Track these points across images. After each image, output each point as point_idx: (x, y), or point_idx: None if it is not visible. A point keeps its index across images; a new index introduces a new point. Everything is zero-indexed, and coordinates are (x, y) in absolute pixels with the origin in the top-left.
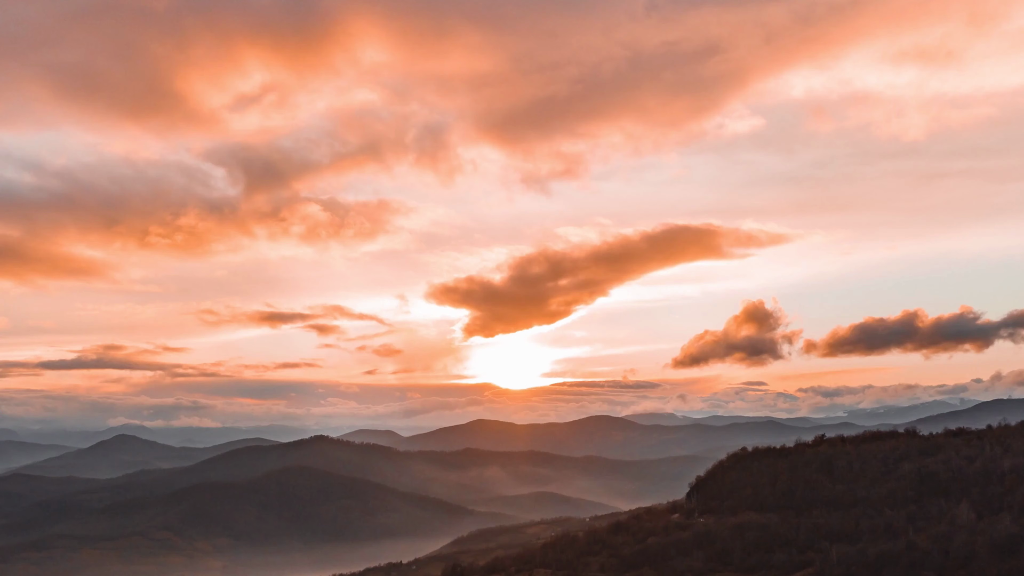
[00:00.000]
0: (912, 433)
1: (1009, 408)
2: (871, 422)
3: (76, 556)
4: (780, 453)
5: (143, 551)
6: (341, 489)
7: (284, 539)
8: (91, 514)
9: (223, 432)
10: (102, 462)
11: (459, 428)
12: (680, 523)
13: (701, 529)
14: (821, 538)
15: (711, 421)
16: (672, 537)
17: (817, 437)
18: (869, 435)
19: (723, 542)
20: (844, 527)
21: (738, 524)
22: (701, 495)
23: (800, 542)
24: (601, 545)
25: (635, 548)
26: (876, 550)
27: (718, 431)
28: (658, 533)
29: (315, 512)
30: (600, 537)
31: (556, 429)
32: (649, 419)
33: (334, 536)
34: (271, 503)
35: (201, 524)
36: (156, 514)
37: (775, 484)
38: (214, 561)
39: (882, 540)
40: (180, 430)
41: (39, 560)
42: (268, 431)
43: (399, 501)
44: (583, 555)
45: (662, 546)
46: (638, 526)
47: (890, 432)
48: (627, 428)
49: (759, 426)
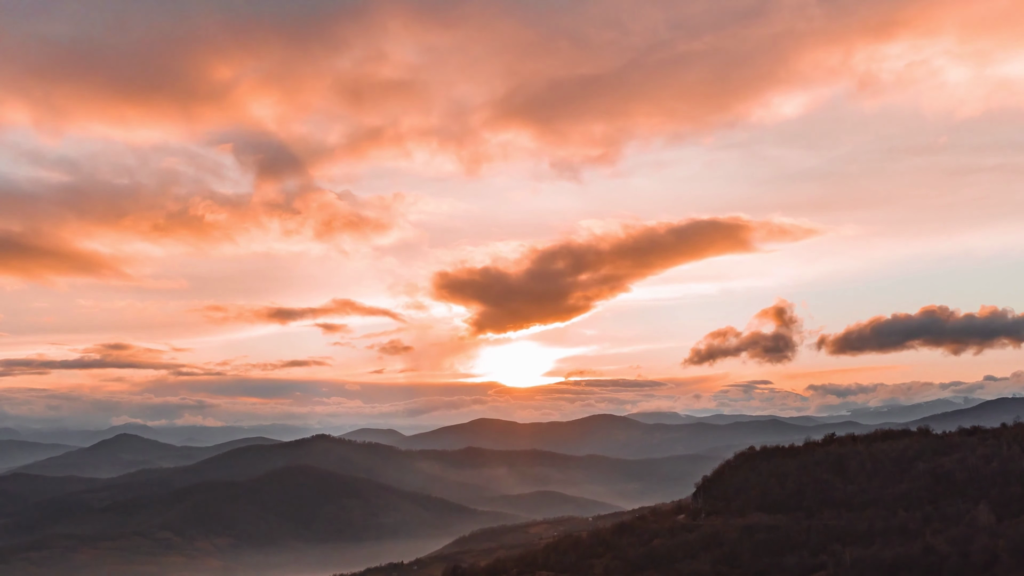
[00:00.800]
0: (925, 432)
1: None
2: (875, 421)
3: (76, 556)
4: (789, 452)
5: (143, 551)
6: (342, 489)
7: (285, 539)
8: (91, 514)
9: (225, 431)
10: (103, 461)
11: (461, 427)
12: (686, 524)
13: (708, 531)
14: (833, 540)
15: (714, 420)
16: (678, 539)
17: (827, 436)
18: (881, 434)
19: (731, 544)
20: (857, 529)
21: (746, 526)
22: (707, 495)
23: (812, 544)
24: (605, 547)
25: (640, 550)
26: (892, 553)
27: (721, 430)
28: (664, 535)
29: (316, 512)
30: (604, 538)
31: (559, 428)
32: (652, 418)
33: (335, 536)
34: (272, 503)
35: (202, 524)
36: (156, 514)
37: (784, 484)
38: (214, 561)
39: (897, 543)
40: (182, 429)
41: (39, 560)
42: (270, 430)
43: (401, 500)
44: (587, 557)
45: (668, 548)
46: (643, 527)
47: (902, 431)
48: (630, 427)
49: (763, 425)
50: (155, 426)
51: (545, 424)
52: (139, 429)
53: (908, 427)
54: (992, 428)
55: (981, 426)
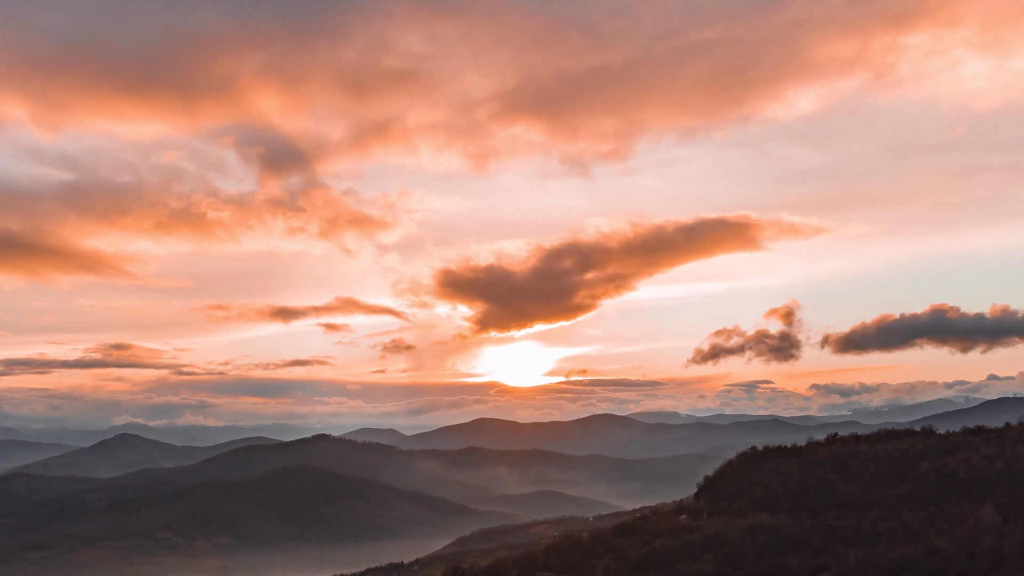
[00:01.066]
0: (928, 431)
1: (1018, 406)
2: (877, 421)
3: (75, 556)
4: (791, 452)
5: (143, 551)
6: (342, 488)
7: (285, 539)
8: (91, 513)
9: (226, 431)
10: (103, 461)
11: (462, 427)
12: (688, 525)
13: (710, 531)
14: (837, 541)
15: (715, 419)
16: (680, 539)
17: (829, 435)
18: (884, 433)
19: (733, 545)
20: (861, 530)
21: (749, 526)
22: (709, 496)
23: (815, 545)
24: (606, 547)
25: (642, 551)
26: (896, 554)
27: (722, 429)
28: (665, 535)
29: (316, 511)
30: (605, 539)
31: (559, 428)
32: (653, 418)
33: (335, 535)
34: (272, 502)
35: (201, 523)
36: (156, 513)
37: (787, 484)
38: (214, 561)
39: (902, 544)
40: (183, 429)
41: (38, 560)
42: (271, 430)
43: (401, 500)
44: (588, 558)
45: (670, 549)
46: (644, 528)
47: (905, 430)
48: (630, 427)
49: (764, 425)
50: (156, 426)
51: (546, 424)
52: (140, 429)
53: (910, 427)
54: (996, 428)
55: (984, 425)
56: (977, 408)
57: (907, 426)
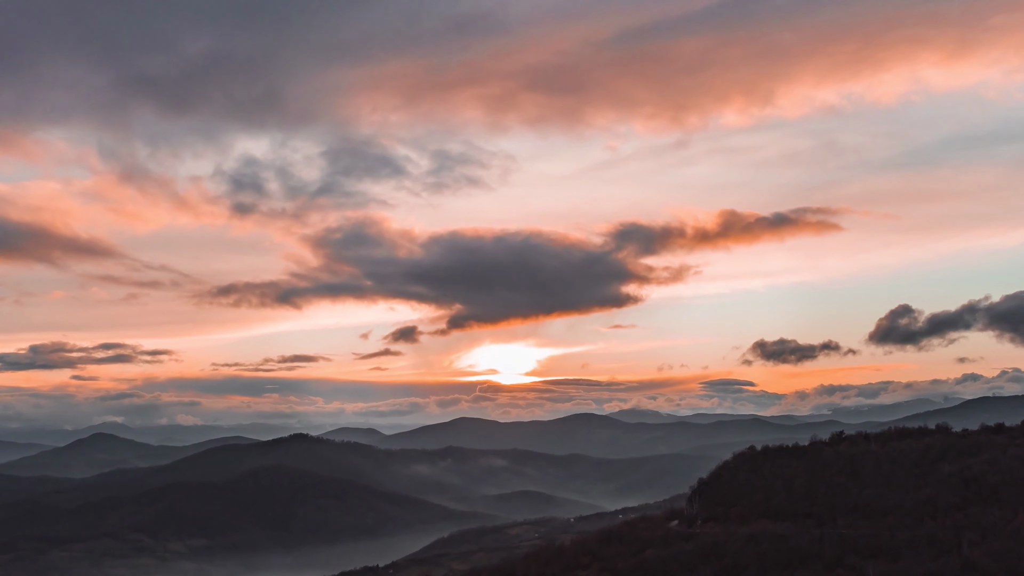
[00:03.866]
0: (945, 430)
1: (996, 406)
2: (857, 420)
3: (43, 558)
4: (794, 452)
5: (113, 553)
6: (319, 488)
7: (260, 540)
8: (61, 515)
9: (204, 430)
10: (77, 461)
11: (442, 426)
12: (682, 533)
13: (707, 540)
14: (851, 552)
15: (696, 419)
16: (673, 549)
17: (835, 434)
18: (896, 432)
19: (734, 556)
20: (878, 540)
21: (751, 535)
22: (704, 500)
23: (827, 557)
24: (591, 556)
25: (631, 561)
26: (923, 568)
27: (703, 429)
28: (656, 544)
29: (292, 512)
30: (590, 548)
31: (540, 427)
32: (633, 416)
33: (312, 536)
34: (247, 503)
35: (174, 525)
36: (128, 515)
37: (791, 488)
38: (187, 563)
39: (928, 556)
40: (161, 428)
41: (5, 563)
42: (249, 429)
43: (379, 501)
44: (570, 568)
45: (662, 560)
46: (633, 535)
47: (919, 429)
48: (611, 426)
49: (745, 424)
50: (133, 425)
51: (526, 423)
52: (117, 428)
53: (890, 426)
54: (1018, 426)
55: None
56: (958, 408)
57: (889, 425)
